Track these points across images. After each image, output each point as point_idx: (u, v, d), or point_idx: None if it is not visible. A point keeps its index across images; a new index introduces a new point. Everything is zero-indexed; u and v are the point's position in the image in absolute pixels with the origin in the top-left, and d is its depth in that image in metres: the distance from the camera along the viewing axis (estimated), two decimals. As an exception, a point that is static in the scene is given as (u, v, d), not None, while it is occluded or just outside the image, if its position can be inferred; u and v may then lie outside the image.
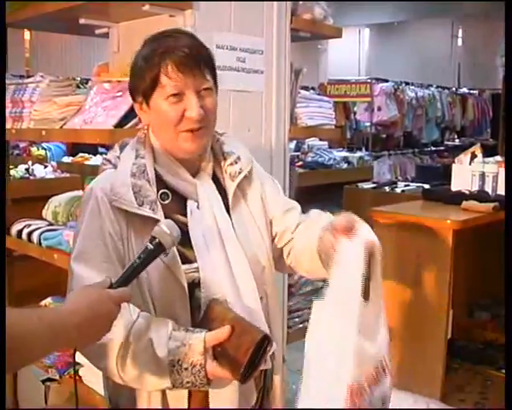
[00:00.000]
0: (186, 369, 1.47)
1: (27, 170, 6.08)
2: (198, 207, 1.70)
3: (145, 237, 1.53)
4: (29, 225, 3.24)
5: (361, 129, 10.33)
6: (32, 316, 1.23)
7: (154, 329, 1.52)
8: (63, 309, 1.33)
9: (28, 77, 3.84)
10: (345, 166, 7.97)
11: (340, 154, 8.33)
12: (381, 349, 1.58)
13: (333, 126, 3.62)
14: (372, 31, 17.40)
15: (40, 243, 3.05)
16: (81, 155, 8.27)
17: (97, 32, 3.25)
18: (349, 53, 16.70)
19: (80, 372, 2.87)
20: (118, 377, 1.54)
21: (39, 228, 3.15)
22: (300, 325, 3.54)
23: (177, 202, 1.69)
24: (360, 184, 5.66)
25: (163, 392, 1.62)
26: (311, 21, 3.35)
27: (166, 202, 1.68)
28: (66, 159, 8.50)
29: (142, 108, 1.71)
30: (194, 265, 1.63)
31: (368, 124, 9.75)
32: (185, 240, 1.61)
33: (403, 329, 2.80)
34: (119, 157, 1.74)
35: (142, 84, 1.66)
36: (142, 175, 1.65)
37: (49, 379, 3.16)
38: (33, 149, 9.18)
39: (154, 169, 1.69)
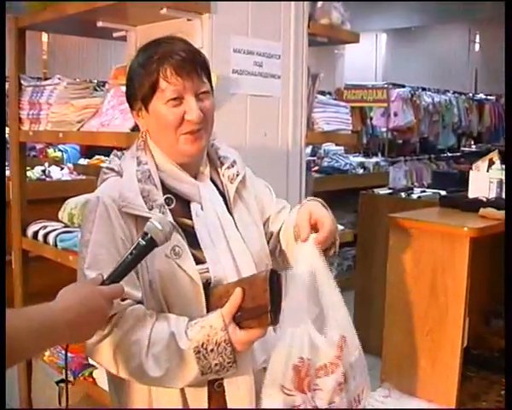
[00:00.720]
0: (212, 350, 1.49)
1: (44, 171, 6.13)
2: (202, 209, 1.73)
3: None
4: (45, 227, 3.25)
5: (377, 134, 10.29)
6: (23, 315, 1.24)
7: (173, 324, 1.55)
8: (55, 306, 1.32)
9: (45, 79, 3.86)
10: (361, 171, 7.96)
11: (356, 159, 8.32)
12: (332, 347, 1.61)
13: (349, 132, 3.61)
14: (389, 36, 17.38)
15: (56, 245, 3.06)
16: (97, 157, 8.31)
17: (115, 35, 3.26)
18: (366, 58, 16.68)
19: (94, 374, 2.88)
20: (150, 380, 1.55)
21: (55, 230, 3.16)
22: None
23: (180, 206, 1.72)
24: (376, 190, 5.62)
25: (183, 395, 1.62)
26: (329, 26, 3.34)
27: (171, 206, 1.70)
28: (83, 161, 8.56)
29: (139, 114, 1.74)
30: (206, 265, 1.65)
31: (384, 129, 9.72)
32: (193, 241, 1.66)
33: (418, 336, 2.78)
34: (121, 165, 1.75)
35: (140, 90, 1.69)
36: (148, 180, 1.68)
37: (64, 380, 3.17)
38: (50, 151, 9.24)
39: (159, 176, 1.72)
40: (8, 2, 2.98)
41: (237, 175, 1.82)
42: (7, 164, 6.44)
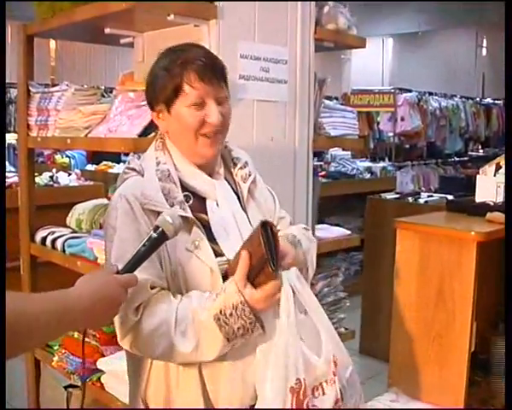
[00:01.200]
0: (231, 315, 1.56)
1: (51, 177, 6.16)
2: (217, 205, 1.82)
3: (179, 235, 1.64)
4: (53, 232, 3.27)
5: (384, 139, 10.29)
6: (38, 300, 1.27)
7: (195, 300, 1.63)
8: (72, 293, 1.37)
9: (53, 85, 3.88)
10: (368, 176, 7.96)
11: (363, 164, 8.32)
12: (327, 366, 1.65)
13: (356, 137, 3.61)
14: (396, 40, 17.37)
15: (64, 251, 3.08)
16: (104, 163, 8.34)
17: (122, 41, 3.28)
18: (372, 63, 16.68)
19: (102, 379, 2.88)
20: (177, 356, 1.62)
21: (63, 235, 3.17)
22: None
23: (198, 203, 1.80)
24: (383, 195, 5.62)
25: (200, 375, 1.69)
26: (335, 31, 3.35)
27: (189, 203, 1.77)
28: (90, 167, 8.59)
29: (160, 116, 1.83)
30: (225, 258, 1.73)
31: (391, 134, 9.71)
32: (210, 236, 1.75)
33: (426, 341, 2.78)
34: (141, 165, 1.83)
35: (163, 92, 1.77)
36: (167, 179, 1.76)
37: (71, 386, 3.18)
38: (57, 157, 9.27)
39: (178, 174, 1.80)
40: (18, 10, 2.99)
41: (249, 175, 1.91)
42: (14, 170, 6.46)
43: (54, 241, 3.18)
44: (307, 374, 1.60)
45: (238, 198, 1.89)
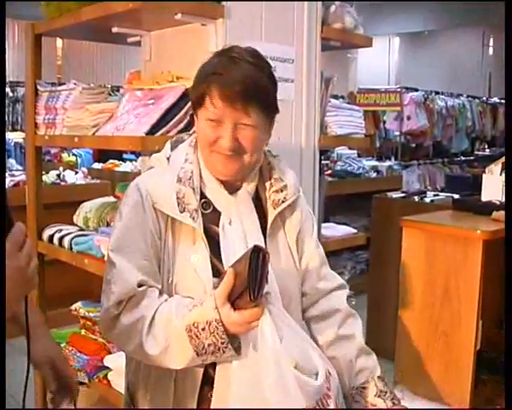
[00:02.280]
0: (203, 329, 1.50)
1: (58, 176, 6.18)
2: (230, 224, 1.72)
3: (181, 241, 1.65)
4: (60, 230, 3.28)
5: (390, 138, 10.27)
6: None
7: (175, 305, 1.58)
8: None
9: (60, 84, 3.89)
10: (374, 175, 7.96)
11: (369, 163, 8.31)
12: (323, 384, 1.63)
13: (362, 136, 3.62)
14: (402, 40, 17.34)
15: (71, 248, 3.09)
16: (111, 161, 8.36)
17: (129, 40, 3.29)
18: (379, 62, 16.66)
19: (109, 377, 2.90)
20: (146, 356, 1.59)
21: (70, 233, 3.18)
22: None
23: (215, 214, 1.72)
24: (389, 194, 5.62)
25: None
26: (342, 30, 3.35)
27: (208, 211, 1.72)
28: (97, 165, 8.61)
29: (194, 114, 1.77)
30: None
31: (397, 133, 9.70)
32: (216, 252, 1.67)
33: (431, 339, 2.79)
34: (168, 158, 1.78)
35: (193, 95, 1.73)
36: (187, 182, 1.69)
37: (79, 383, 3.19)
38: (64, 155, 9.31)
39: (200, 182, 1.73)
40: (25, 9, 3.00)
41: (283, 202, 1.78)
42: (21, 168, 6.50)
43: (61, 239, 3.19)
44: (308, 398, 1.57)
45: (266, 218, 1.78)
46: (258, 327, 1.52)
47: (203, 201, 1.72)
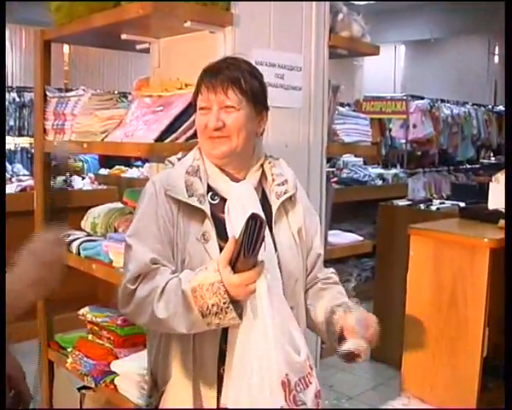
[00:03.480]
0: (207, 290, 1.65)
1: (65, 181, 6.19)
2: (233, 208, 1.91)
3: (191, 225, 1.86)
4: (68, 236, 3.29)
5: (396, 146, 10.27)
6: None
7: (183, 274, 1.77)
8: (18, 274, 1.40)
9: (67, 90, 3.91)
10: (380, 182, 7.96)
11: (375, 170, 8.32)
12: (306, 362, 1.80)
13: (369, 143, 3.63)
14: (408, 47, 17.35)
15: (79, 253, 3.10)
16: (117, 167, 8.38)
17: (138, 47, 3.31)
18: (385, 69, 16.66)
19: (116, 381, 2.90)
20: (157, 322, 1.75)
21: (78, 238, 3.20)
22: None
23: (222, 204, 1.92)
24: (395, 201, 5.63)
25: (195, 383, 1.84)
26: (349, 39, 3.37)
27: (216, 201, 1.93)
28: (103, 171, 8.63)
29: None
30: None
31: (403, 141, 9.70)
32: (223, 234, 1.85)
33: (438, 346, 2.79)
34: (179, 159, 2.02)
35: (193, 93, 1.99)
36: (195, 173, 1.92)
37: (85, 387, 3.20)
38: (71, 161, 9.31)
39: (207, 173, 1.95)
40: (35, 15, 3.02)
41: (285, 193, 1.99)
42: (28, 174, 6.51)
43: (69, 244, 3.20)
44: (291, 371, 1.71)
45: (270, 212, 1.97)
46: (257, 293, 1.67)
47: (211, 193, 1.93)
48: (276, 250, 1.91)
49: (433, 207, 5.29)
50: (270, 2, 2.94)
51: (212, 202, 1.92)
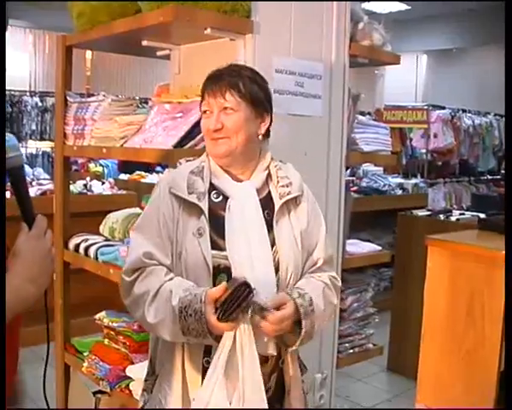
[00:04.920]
0: (190, 315, 1.78)
1: (85, 186, 6.23)
2: (234, 206, 1.99)
3: (190, 221, 1.94)
4: (86, 240, 3.30)
5: (417, 156, 10.21)
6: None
7: (177, 284, 1.87)
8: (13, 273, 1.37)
9: (88, 95, 3.94)
10: (399, 192, 7.92)
11: (394, 180, 8.27)
12: None
13: (389, 153, 3.61)
14: (430, 57, 17.28)
15: (97, 258, 3.11)
16: (137, 172, 8.41)
17: (159, 53, 3.32)
18: (406, 79, 16.60)
19: (131, 386, 2.91)
20: (146, 324, 1.91)
21: (96, 243, 3.21)
22: (350, 351, 3.53)
23: (224, 202, 2.00)
24: (415, 211, 5.59)
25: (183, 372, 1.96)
26: (370, 47, 3.36)
27: (218, 199, 2.01)
28: (123, 176, 8.66)
29: None
30: (224, 253, 1.92)
31: (423, 151, 9.65)
32: (221, 231, 1.95)
33: (455, 358, 2.77)
34: (187, 161, 2.11)
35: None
36: (198, 173, 2.02)
37: (100, 391, 3.21)
38: (91, 166, 9.38)
39: (210, 173, 2.04)
40: (57, 21, 3.05)
41: (288, 194, 2.04)
42: (49, 178, 6.54)
43: (87, 248, 3.22)
44: None
45: (273, 211, 2.03)
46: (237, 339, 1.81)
47: (214, 192, 2.01)
48: (275, 247, 1.98)
49: (453, 218, 5.25)
50: (291, 10, 2.93)
51: (215, 200, 2.00)
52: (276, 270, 1.96)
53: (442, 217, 5.34)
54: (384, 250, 3.83)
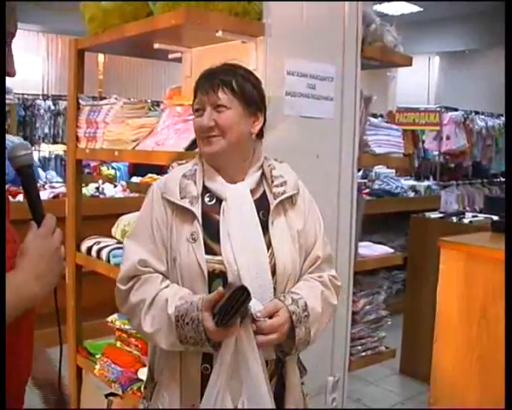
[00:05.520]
0: (187, 324, 1.78)
1: (98, 188, 6.25)
2: (229, 209, 1.97)
3: (184, 226, 1.92)
4: (98, 243, 3.31)
5: (429, 158, 10.19)
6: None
7: (172, 293, 1.87)
8: (19, 270, 1.38)
9: (101, 98, 3.95)
10: (412, 194, 7.89)
11: (407, 182, 8.25)
12: None
13: (401, 155, 3.60)
14: (442, 58, 17.22)
15: (109, 261, 3.12)
16: (150, 175, 8.42)
17: (170, 56, 3.32)
18: (418, 80, 16.55)
19: (143, 389, 2.90)
20: (143, 333, 1.91)
21: (108, 246, 3.22)
22: (363, 354, 3.51)
23: (218, 204, 1.98)
24: (427, 214, 5.57)
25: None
26: (382, 49, 3.35)
27: (212, 202, 1.98)
28: (135, 179, 8.68)
29: None
30: (219, 257, 1.90)
31: (436, 153, 9.62)
32: (215, 235, 1.93)
33: (467, 361, 2.75)
34: (180, 164, 2.10)
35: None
36: (191, 177, 2.00)
37: (112, 394, 3.21)
38: (103, 169, 9.41)
39: (203, 176, 2.02)
40: (69, 24, 3.06)
41: (282, 194, 2.01)
42: (61, 181, 6.55)
43: (99, 251, 3.22)
44: None
45: (269, 211, 2.00)
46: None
47: (208, 194, 1.99)
48: (271, 249, 1.94)
49: (466, 220, 5.22)
50: (303, 12, 2.93)
51: (209, 203, 1.98)
52: (273, 272, 1.93)
53: (455, 219, 5.31)
54: (396, 253, 3.81)
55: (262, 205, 2.00)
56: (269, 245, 1.94)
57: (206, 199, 1.98)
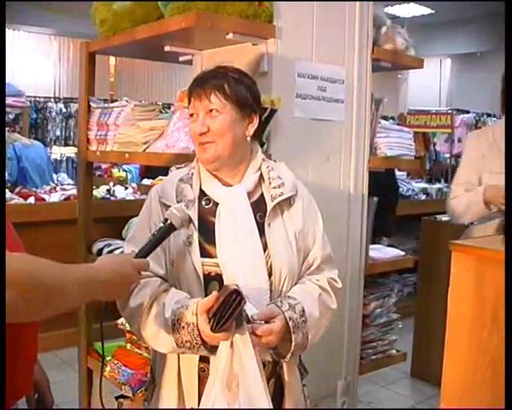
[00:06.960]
0: (183, 328, 1.79)
1: (109, 191, 6.26)
2: (224, 211, 1.97)
3: (181, 230, 1.90)
4: (109, 245, 3.32)
5: (441, 160, 10.17)
6: (68, 270, 1.43)
7: (170, 296, 1.88)
8: (94, 267, 1.58)
9: (112, 101, 3.95)
10: (423, 197, 7.86)
11: (418, 185, 8.22)
12: None
13: (412, 157, 3.59)
14: (454, 61, 17.18)
15: (119, 263, 3.11)
16: (160, 177, 8.42)
17: (181, 59, 3.33)
18: (430, 83, 16.52)
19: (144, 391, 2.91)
20: (142, 337, 1.91)
21: (119, 247, 3.22)
22: (373, 357, 3.51)
23: (215, 208, 1.98)
24: (439, 216, 5.54)
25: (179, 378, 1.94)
26: (393, 51, 3.34)
27: (209, 206, 1.99)
28: (146, 181, 8.68)
29: None
30: (215, 260, 1.91)
31: (448, 155, 9.59)
32: (211, 238, 1.94)
33: (480, 366, 2.73)
34: (178, 168, 2.15)
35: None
36: (187, 181, 2.02)
37: (123, 396, 3.21)
38: (114, 171, 9.42)
39: (200, 179, 2.03)
40: (80, 27, 3.06)
41: (280, 195, 2.00)
42: (73, 183, 6.57)
43: (110, 253, 3.22)
44: None
45: (266, 213, 1.99)
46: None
47: (205, 198, 2.00)
48: (267, 252, 1.94)
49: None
50: (314, 14, 2.93)
51: (205, 206, 1.99)
52: (269, 275, 1.92)
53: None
54: (407, 256, 3.80)
55: (259, 207, 2.00)
56: (265, 248, 1.94)
57: (203, 202, 1.99)
